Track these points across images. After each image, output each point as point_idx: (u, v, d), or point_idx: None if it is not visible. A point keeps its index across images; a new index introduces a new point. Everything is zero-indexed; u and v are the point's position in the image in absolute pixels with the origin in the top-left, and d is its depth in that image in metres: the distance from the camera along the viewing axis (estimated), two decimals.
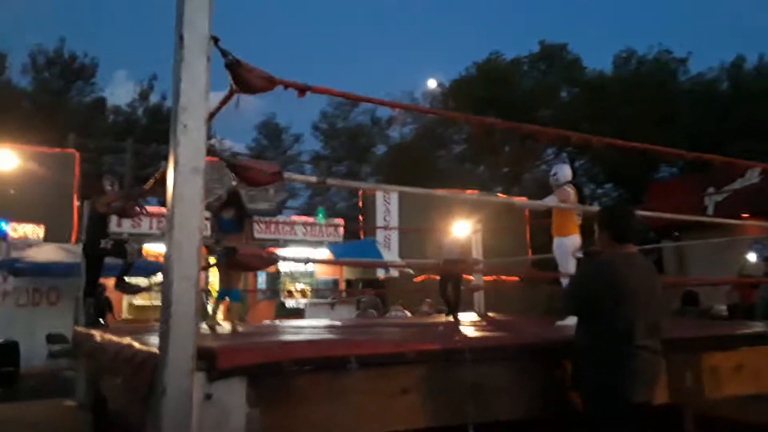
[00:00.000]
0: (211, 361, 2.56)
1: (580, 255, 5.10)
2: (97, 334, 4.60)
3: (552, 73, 28.35)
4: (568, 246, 5.39)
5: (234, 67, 3.06)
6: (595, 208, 4.11)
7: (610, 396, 2.92)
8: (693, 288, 8.73)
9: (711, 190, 14.04)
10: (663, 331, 3.10)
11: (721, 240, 8.12)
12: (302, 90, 3.47)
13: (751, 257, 10.59)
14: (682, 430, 3.87)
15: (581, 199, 5.92)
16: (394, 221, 16.80)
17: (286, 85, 3.37)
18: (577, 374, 3.14)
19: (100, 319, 8.63)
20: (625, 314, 2.93)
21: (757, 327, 4.72)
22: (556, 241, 5.50)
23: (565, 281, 5.50)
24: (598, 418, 2.99)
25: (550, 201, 5.44)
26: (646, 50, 27.48)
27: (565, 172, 5.63)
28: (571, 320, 5.36)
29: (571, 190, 5.53)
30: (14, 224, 12.88)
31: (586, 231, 5.55)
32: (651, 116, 22.62)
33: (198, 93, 2.64)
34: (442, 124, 28.58)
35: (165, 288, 2.52)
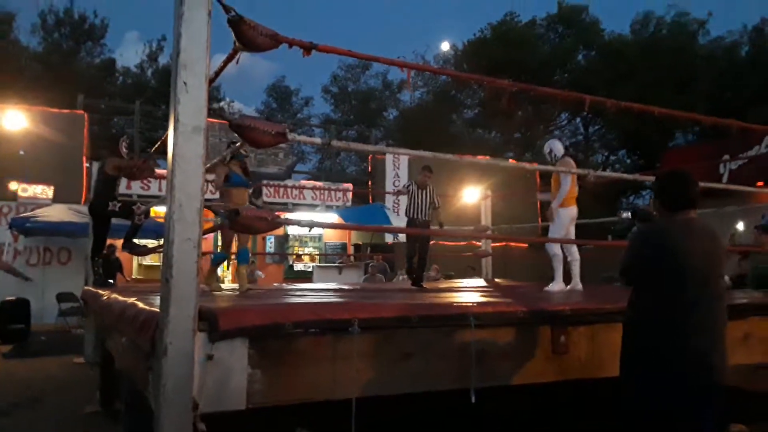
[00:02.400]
0: (212, 322, 2.55)
1: (627, 215, 5.11)
2: (104, 294, 4.64)
3: (569, 36, 27.67)
4: (564, 217, 5.53)
5: (237, 23, 2.98)
6: (609, 174, 4.04)
7: (663, 370, 2.70)
8: None
9: (726, 157, 13.80)
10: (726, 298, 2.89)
11: (735, 209, 7.99)
12: (308, 48, 3.38)
13: (740, 226, 10.46)
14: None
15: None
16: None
17: (291, 44, 3.29)
18: (628, 344, 2.90)
19: (110, 279, 8.75)
20: (686, 284, 2.74)
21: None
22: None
23: (553, 249, 5.61)
24: (642, 391, 2.77)
25: (565, 183, 5.49)
26: (665, 11, 26.73)
27: (558, 146, 5.85)
28: (557, 286, 5.45)
29: (572, 162, 5.69)
30: (24, 184, 12.96)
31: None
32: (669, 81, 22.14)
33: (199, 49, 2.57)
34: (454, 87, 28.15)
35: (166, 248, 2.50)
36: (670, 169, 3.54)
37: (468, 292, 5.63)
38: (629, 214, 3.77)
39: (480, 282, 8.20)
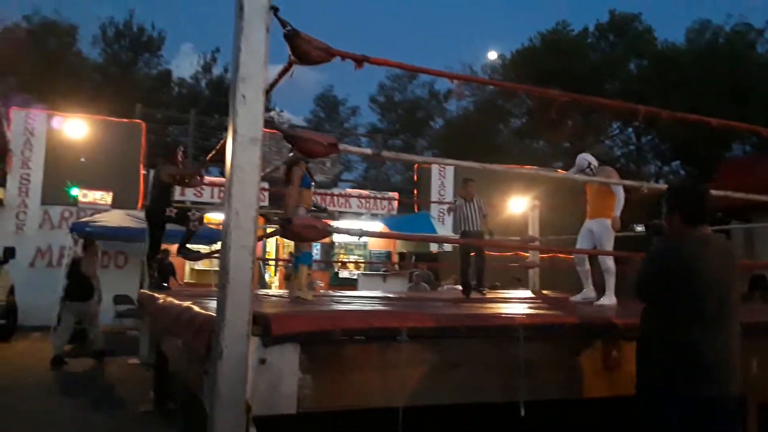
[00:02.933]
0: (266, 327, 2.62)
1: (641, 228, 4.95)
2: (160, 297, 4.80)
3: (621, 45, 27.10)
4: (609, 227, 5.39)
5: (292, 37, 3.07)
6: (661, 185, 3.95)
7: (679, 387, 2.70)
8: (762, 272, 8.32)
9: None
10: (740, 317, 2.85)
11: None
12: (359, 61, 3.45)
13: None
14: (744, 420, 3.71)
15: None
16: (449, 196, 16.66)
17: (344, 56, 3.36)
18: (643, 362, 2.90)
19: (164, 283, 9.04)
20: (704, 302, 2.71)
21: None
22: (595, 222, 5.54)
23: (607, 263, 5.44)
24: (658, 409, 2.77)
25: (619, 191, 5.34)
26: (723, 21, 25.86)
27: (591, 157, 5.77)
28: (610, 300, 5.29)
29: (613, 171, 5.58)
30: (84, 190, 13.52)
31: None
32: (725, 91, 21.36)
33: (257, 64, 2.66)
34: (501, 97, 27.91)
35: (222, 255, 2.59)
36: (685, 181, 3.46)
37: (515, 303, 5.58)
38: (643, 228, 3.70)
39: (527, 293, 8.09)
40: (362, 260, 16.25)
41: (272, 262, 15.48)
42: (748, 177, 12.07)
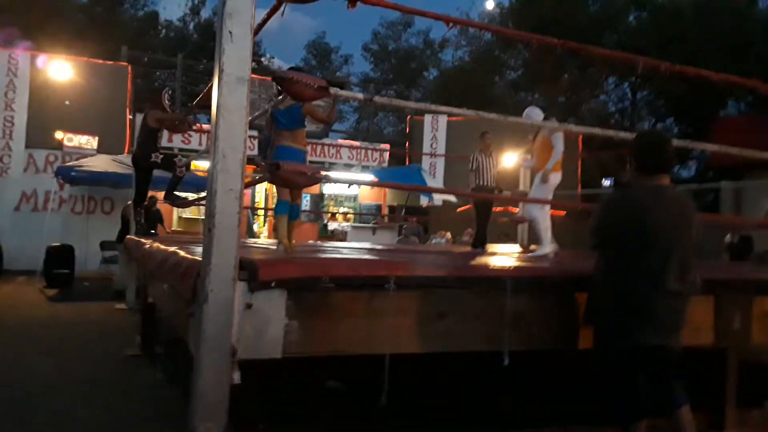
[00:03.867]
0: (252, 272, 2.59)
1: (609, 184, 5.00)
2: (147, 242, 4.76)
3: None
4: (554, 182, 5.52)
5: None
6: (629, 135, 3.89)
7: (624, 336, 2.80)
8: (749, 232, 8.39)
9: None
10: (694, 272, 2.88)
11: None
12: (353, 1, 3.31)
13: None
14: (724, 374, 3.78)
15: None
16: (441, 148, 16.54)
17: None
18: (591, 309, 3.03)
19: (151, 230, 8.99)
20: (649, 252, 2.74)
21: None
22: (537, 176, 5.62)
23: (533, 213, 5.49)
24: (608, 356, 2.90)
25: (558, 145, 5.42)
26: None
27: (537, 112, 5.82)
28: (549, 248, 5.40)
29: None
30: (69, 134, 13.27)
31: None
32: (723, 46, 21.07)
33: None
34: (497, 47, 27.39)
35: (208, 199, 2.53)
36: (648, 130, 3.53)
37: (504, 256, 5.59)
38: (612, 182, 3.73)
39: (516, 248, 8.13)
40: (352, 212, 16.23)
41: (261, 212, 15.43)
42: (742, 134, 12.03)
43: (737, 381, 3.76)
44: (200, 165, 11.21)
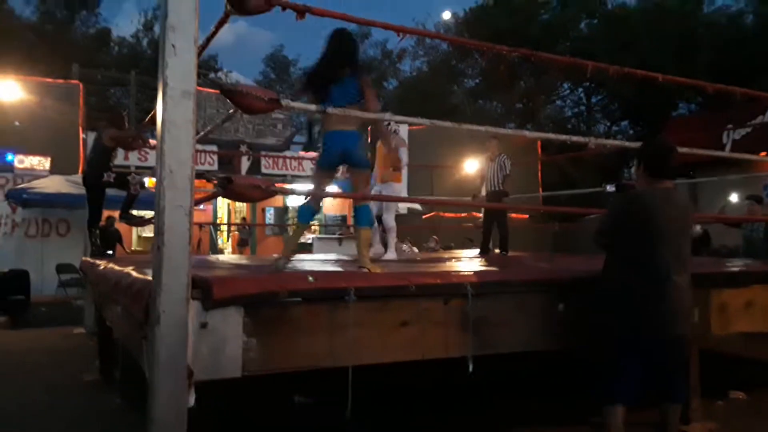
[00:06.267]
0: (206, 291, 2.52)
1: (612, 188, 5.12)
2: (101, 264, 4.61)
3: (572, 4, 27.17)
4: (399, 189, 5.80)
5: None
6: (610, 141, 4.00)
7: (640, 328, 2.92)
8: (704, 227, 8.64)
9: (730, 126, 13.66)
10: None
11: (736, 177, 7.93)
12: (301, 12, 3.27)
13: (733, 198, 10.43)
14: (687, 364, 3.85)
15: None
16: (403, 158, 16.57)
17: (285, 6, 3.19)
18: (596, 307, 3.11)
19: (109, 251, 8.75)
20: (659, 249, 2.91)
21: None
22: (385, 185, 6.00)
23: (391, 222, 5.60)
24: (615, 348, 2.98)
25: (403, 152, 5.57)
26: None
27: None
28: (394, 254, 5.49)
29: None
30: (20, 156, 12.85)
31: None
32: (671, 50, 21.78)
33: (187, 10, 2.49)
34: (455, 57, 27.75)
35: (157, 216, 2.45)
36: (658, 137, 3.80)
37: (466, 262, 5.61)
38: (614, 187, 3.91)
39: (477, 252, 8.17)
40: (317, 224, 16.11)
41: (224, 227, 15.21)
42: (693, 134, 12.42)
43: (700, 373, 3.84)
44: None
